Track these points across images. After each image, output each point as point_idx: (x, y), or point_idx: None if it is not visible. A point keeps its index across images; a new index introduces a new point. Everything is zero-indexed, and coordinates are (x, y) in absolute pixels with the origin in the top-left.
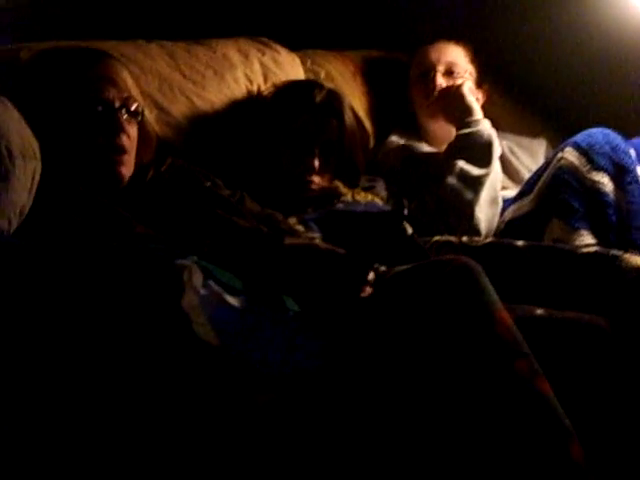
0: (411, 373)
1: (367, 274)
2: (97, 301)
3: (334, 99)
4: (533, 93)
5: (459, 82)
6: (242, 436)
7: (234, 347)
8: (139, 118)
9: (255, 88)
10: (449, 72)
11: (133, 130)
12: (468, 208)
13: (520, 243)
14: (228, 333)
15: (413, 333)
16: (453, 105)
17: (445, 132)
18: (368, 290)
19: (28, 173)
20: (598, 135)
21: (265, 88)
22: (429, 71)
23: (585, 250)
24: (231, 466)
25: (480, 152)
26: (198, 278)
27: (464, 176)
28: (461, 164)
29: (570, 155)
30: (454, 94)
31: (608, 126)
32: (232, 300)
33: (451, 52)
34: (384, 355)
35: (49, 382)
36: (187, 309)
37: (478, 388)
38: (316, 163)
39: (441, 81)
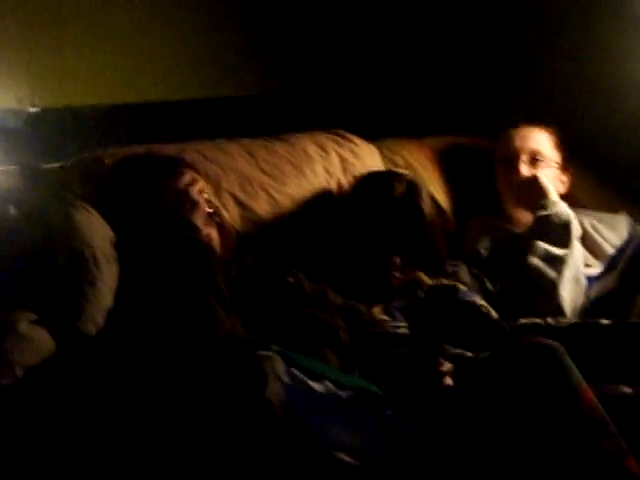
0: (499, 454)
1: (435, 356)
2: (182, 398)
3: (413, 192)
4: (613, 170)
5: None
6: None
7: (321, 434)
8: (216, 219)
9: (334, 181)
10: (533, 160)
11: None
12: (552, 287)
13: (605, 322)
14: (313, 419)
15: (501, 416)
16: (530, 190)
17: (527, 216)
18: (448, 380)
19: (113, 275)
20: None
21: (345, 181)
22: (513, 159)
23: None
24: None
25: (559, 233)
26: (280, 367)
27: (546, 256)
28: (543, 244)
29: None
30: (530, 182)
31: None
32: (317, 386)
33: (535, 139)
34: (471, 438)
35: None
36: (272, 399)
37: (569, 470)
38: (397, 259)
39: (524, 170)
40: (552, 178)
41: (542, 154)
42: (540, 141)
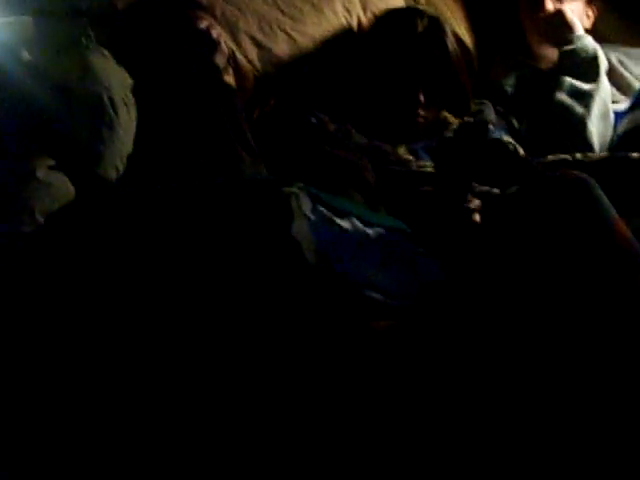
0: (531, 291)
1: (464, 193)
2: (206, 236)
3: (436, 27)
4: None
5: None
6: (359, 362)
7: (350, 271)
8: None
9: (355, 19)
10: None
11: None
12: (580, 123)
13: (636, 155)
14: (341, 257)
15: (531, 251)
16: (555, 25)
17: (553, 53)
18: (477, 217)
19: (132, 120)
20: None
21: (365, 19)
22: None
23: None
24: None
25: (586, 67)
26: (307, 204)
27: (573, 91)
28: (569, 80)
29: None
30: (555, 16)
31: None
32: (344, 223)
33: None
34: (502, 276)
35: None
36: (297, 236)
37: (602, 304)
38: (421, 97)
39: (549, 4)
40: (578, 12)
41: None
42: None
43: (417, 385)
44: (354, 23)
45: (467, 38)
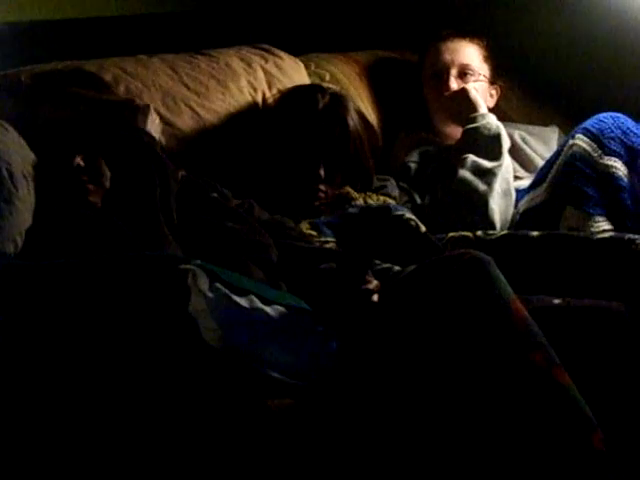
0: (427, 370)
1: (363, 274)
2: (102, 313)
3: (337, 104)
4: (542, 82)
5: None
6: (254, 442)
7: (246, 350)
8: None
9: (260, 96)
10: (462, 74)
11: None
12: (482, 200)
13: (535, 233)
14: (239, 334)
15: (426, 330)
16: (459, 104)
17: (456, 130)
18: (375, 297)
19: (31, 194)
20: (608, 120)
21: (269, 95)
22: (442, 73)
23: (600, 236)
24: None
25: (489, 145)
26: (204, 281)
27: (476, 168)
28: (472, 157)
29: (581, 141)
30: (459, 94)
31: (619, 111)
32: (242, 301)
33: (465, 52)
34: (399, 354)
35: (55, 387)
36: (195, 314)
37: (495, 381)
38: (322, 172)
39: (454, 84)
40: (481, 91)
41: (471, 67)
42: (469, 54)
43: (313, 464)
44: (259, 99)
45: (372, 115)
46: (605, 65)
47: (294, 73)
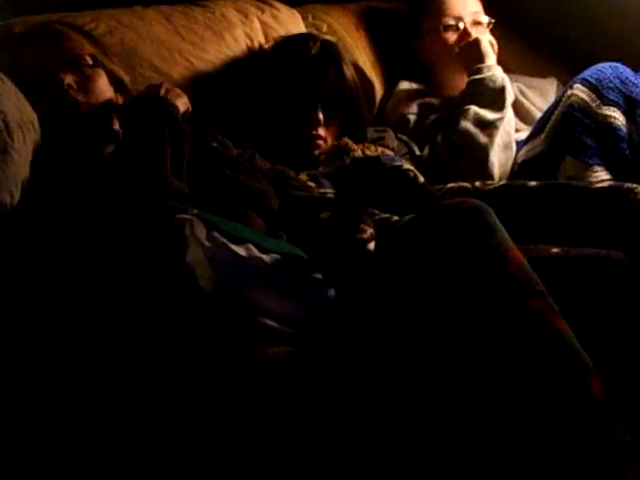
0: (425, 317)
1: (356, 224)
2: (98, 262)
3: (330, 49)
4: (540, 33)
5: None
6: (252, 391)
7: (242, 299)
8: (93, 66)
9: (256, 46)
10: (476, 22)
11: (93, 82)
12: (482, 152)
13: (533, 183)
14: (236, 283)
15: (424, 278)
16: (469, 53)
17: (460, 82)
18: (371, 246)
19: (28, 145)
20: (607, 70)
21: (266, 46)
22: (457, 23)
23: (599, 185)
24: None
25: (493, 97)
26: (201, 231)
27: (478, 120)
28: (475, 109)
29: (579, 91)
30: (471, 43)
31: (618, 61)
32: (239, 250)
33: (474, 0)
34: (396, 302)
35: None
36: (192, 263)
37: (492, 329)
38: (320, 115)
39: (472, 32)
40: (489, 41)
41: (482, 14)
42: (477, 2)
43: (312, 413)
44: (255, 49)
45: (369, 66)
46: (603, 15)
47: (291, 24)
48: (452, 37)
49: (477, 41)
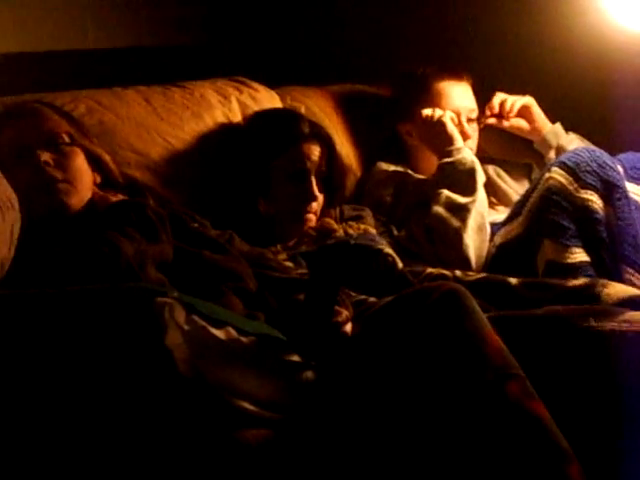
0: (403, 402)
1: (331, 302)
2: (77, 345)
3: (320, 128)
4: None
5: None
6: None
7: (222, 381)
8: (71, 145)
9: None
10: (470, 119)
11: (71, 160)
12: (456, 236)
13: (514, 281)
14: (215, 367)
15: (402, 361)
16: (435, 136)
17: (431, 162)
18: (347, 328)
19: (7, 225)
20: (584, 153)
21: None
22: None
23: (572, 284)
24: None
25: (464, 180)
26: (180, 314)
27: (450, 205)
28: (446, 193)
29: (557, 174)
30: (436, 124)
31: (594, 142)
32: (218, 332)
33: (470, 97)
34: (375, 385)
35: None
36: (171, 347)
37: (470, 414)
38: (316, 191)
39: (469, 130)
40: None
41: (476, 111)
42: (472, 97)
43: None
44: (234, 128)
45: (348, 147)
46: (581, 97)
47: (269, 105)
48: (418, 116)
49: (442, 123)
